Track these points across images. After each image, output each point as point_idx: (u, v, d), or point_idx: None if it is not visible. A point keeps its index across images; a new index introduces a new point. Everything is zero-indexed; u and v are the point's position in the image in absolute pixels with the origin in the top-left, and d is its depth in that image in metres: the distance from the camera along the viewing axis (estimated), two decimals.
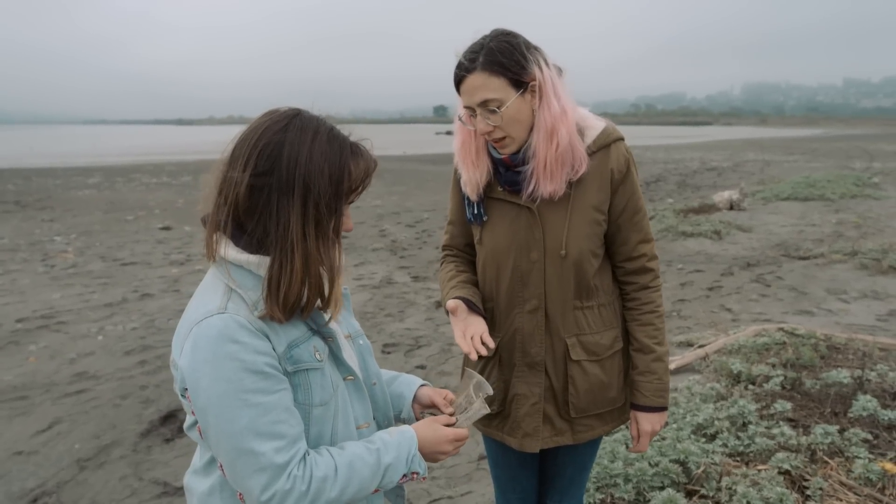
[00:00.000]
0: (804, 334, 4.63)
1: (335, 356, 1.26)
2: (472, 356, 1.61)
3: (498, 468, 1.96)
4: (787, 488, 2.70)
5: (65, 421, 3.95)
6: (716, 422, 3.24)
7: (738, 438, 3.11)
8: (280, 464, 1.10)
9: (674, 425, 3.25)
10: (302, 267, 1.13)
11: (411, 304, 6.45)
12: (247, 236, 1.16)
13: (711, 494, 2.73)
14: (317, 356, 1.20)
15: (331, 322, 1.25)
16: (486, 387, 1.38)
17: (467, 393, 1.39)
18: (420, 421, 1.35)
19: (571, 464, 1.89)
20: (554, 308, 1.69)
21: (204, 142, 50.75)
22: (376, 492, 1.23)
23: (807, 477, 2.80)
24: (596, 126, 1.66)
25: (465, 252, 1.88)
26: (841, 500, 2.64)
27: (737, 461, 2.98)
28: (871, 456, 2.93)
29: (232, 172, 1.14)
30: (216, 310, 1.12)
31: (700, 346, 4.67)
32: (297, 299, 1.15)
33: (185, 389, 1.13)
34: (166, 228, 10.96)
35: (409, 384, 1.49)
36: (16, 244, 9.57)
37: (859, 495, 2.67)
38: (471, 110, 1.59)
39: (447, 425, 1.33)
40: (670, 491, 2.65)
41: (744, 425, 3.25)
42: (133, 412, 4.06)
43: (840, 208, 11.93)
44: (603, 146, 1.65)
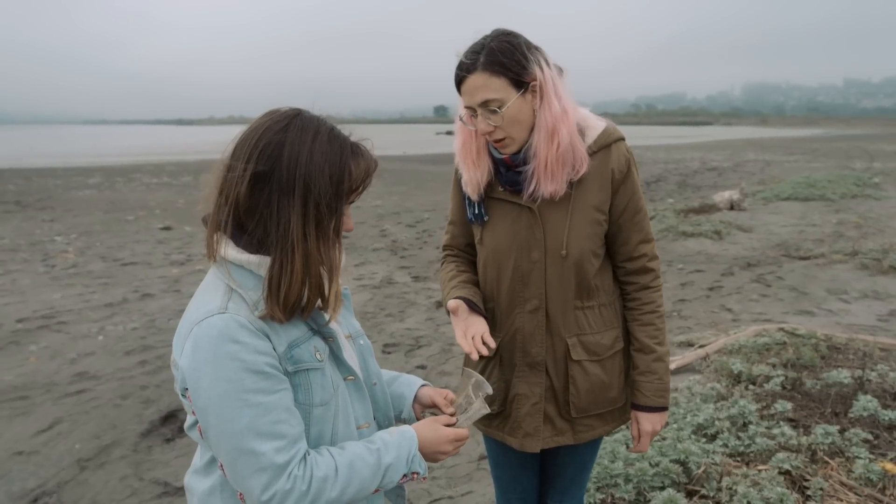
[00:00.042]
0: (805, 334, 4.63)
1: (336, 356, 1.26)
2: (474, 356, 1.61)
3: (499, 468, 1.96)
4: (788, 488, 2.70)
5: (65, 421, 3.95)
6: (716, 422, 3.24)
7: (739, 438, 3.11)
8: (280, 464, 1.10)
9: (674, 425, 3.25)
10: (302, 267, 1.13)
11: (412, 304, 6.45)
12: (247, 236, 1.16)
13: (712, 495, 2.73)
14: (317, 356, 1.20)
15: (331, 322, 1.25)
16: (486, 386, 1.37)
17: (467, 393, 1.39)
18: (420, 421, 1.35)
19: (572, 464, 1.89)
20: (555, 308, 1.69)
21: (204, 142, 50.76)
22: (377, 492, 1.23)
23: (807, 477, 2.80)
24: (597, 126, 1.66)
25: (466, 252, 1.88)
26: (841, 501, 2.64)
27: (737, 461, 2.98)
28: (872, 456, 2.93)
29: (232, 172, 1.14)
30: (217, 310, 1.12)
31: (700, 346, 4.67)
32: (298, 299, 1.15)
33: (186, 389, 1.13)
34: (167, 228, 10.96)
35: (410, 384, 1.49)
36: (16, 244, 9.57)
37: (860, 495, 2.67)
38: (472, 110, 1.59)
39: (447, 425, 1.33)
40: (671, 491, 2.65)
41: (744, 425, 3.25)
42: (133, 412, 4.06)
43: (840, 208, 11.93)
44: (604, 146, 1.65)
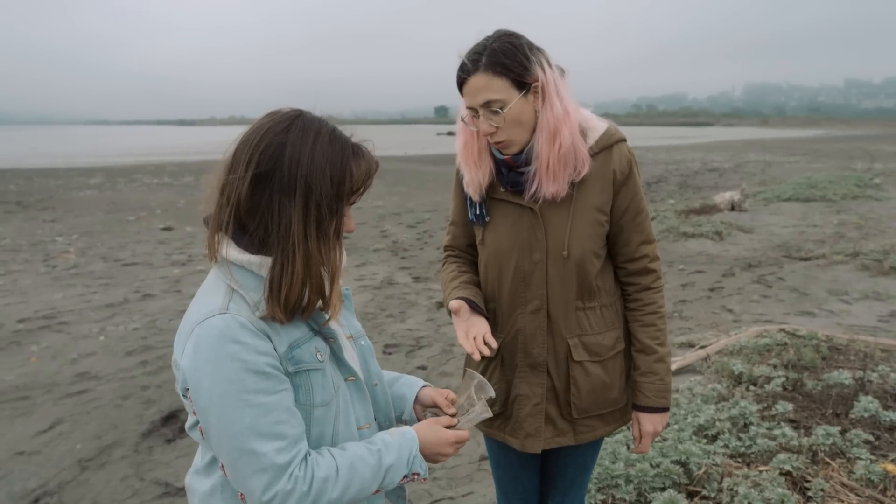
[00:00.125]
0: (805, 335, 4.62)
1: (336, 357, 1.26)
2: (475, 356, 1.61)
3: (500, 469, 1.96)
4: (789, 489, 2.70)
5: (66, 421, 3.96)
6: (717, 423, 3.23)
7: (740, 439, 3.11)
8: (281, 464, 1.10)
9: (675, 426, 3.24)
10: (303, 268, 1.13)
11: (412, 305, 6.45)
12: (248, 237, 1.16)
13: (713, 495, 2.72)
14: (318, 357, 1.20)
15: (331, 322, 1.25)
16: (488, 388, 1.37)
17: (469, 394, 1.39)
18: (421, 422, 1.35)
19: (573, 464, 1.89)
20: (556, 309, 1.69)
21: (205, 142, 50.80)
22: (377, 492, 1.23)
23: (808, 478, 2.80)
24: (598, 127, 1.66)
25: (467, 253, 1.88)
26: (842, 502, 2.64)
27: (738, 462, 2.97)
28: (873, 457, 2.92)
29: (234, 173, 1.14)
30: (218, 310, 1.12)
31: (701, 347, 4.67)
32: (299, 300, 1.15)
33: (187, 389, 1.13)
34: (168, 229, 10.96)
35: (411, 385, 1.49)
36: (17, 244, 9.58)
37: (861, 496, 2.67)
38: (473, 111, 1.59)
39: (448, 426, 1.33)
40: (671, 492, 2.65)
41: (745, 426, 3.25)
42: (134, 412, 4.07)
43: (841, 209, 11.92)
44: (605, 147, 1.65)
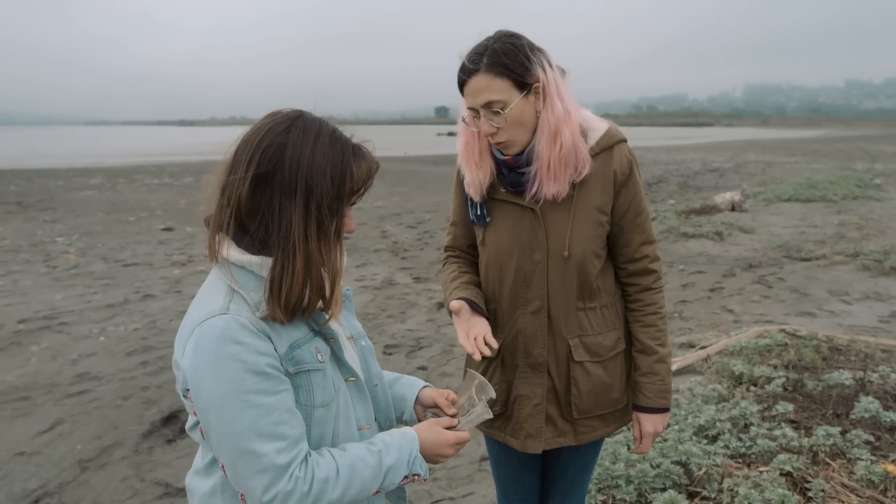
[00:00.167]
0: (806, 336, 4.62)
1: (337, 357, 1.26)
2: (476, 357, 1.61)
3: (500, 469, 1.95)
4: (789, 490, 2.70)
5: (66, 422, 3.96)
6: (717, 423, 3.23)
7: (740, 440, 3.10)
8: (282, 465, 1.10)
9: (675, 427, 3.24)
10: (303, 268, 1.13)
11: (413, 306, 6.45)
12: (249, 237, 1.16)
13: (713, 496, 2.72)
14: (318, 357, 1.20)
15: (331, 323, 1.25)
16: (489, 389, 1.37)
17: (469, 394, 1.38)
18: (421, 423, 1.35)
19: (574, 465, 1.89)
20: (557, 309, 1.69)
21: (206, 143, 50.81)
22: (378, 493, 1.23)
23: (809, 479, 2.80)
24: (599, 127, 1.66)
25: (468, 253, 1.88)
26: (843, 502, 2.64)
27: (738, 463, 2.97)
28: (874, 458, 2.92)
29: (234, 174, 1.14)
30: (218, 310, 1.12)
31: (702, 348, 4.67)
32: (299, 300, 1.15)
33: (188, 390, 1.13)
34: (168, 229, 10.96)
35: (412, 386, 1.49)
36: (18, 245, 9.58)
37: (861, 497, 2.66)
38: (474, 111, 1.59)
39: (449, 427, 1.33)
40: (672, 492, 2.65)
41: (745, 427, 3.25)
42: (135, 413, 4.06)
43: (842, 209, 11.92)
44: (606, 148, 1.65)
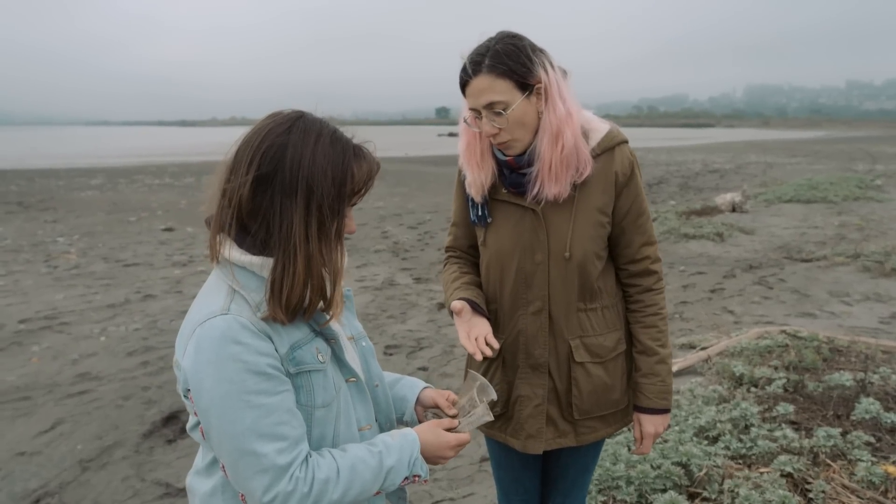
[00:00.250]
0: (807, 337, 4.62)
1: (338, 358, 1.26)
2: (477, 357, 1.61)
3: (501, 470, 1.95)
4: (790, 491, 2.70)
5: (67, 422, 3.96)
6: (718, 424, 3.23)
7: (741, 441, 3.10)
8: (282, 465, 1.10)
9: (676, 427, 3.24)
10: (304, 269, 1.13)
11: (413, 306, 6.45)
12: (250, 238, 1.16)
13: (713, 497, 2.72)
14: (319, 358, 1.20)
15: (332, 323, 1.25)
16: (490, 391, 1.37)
17: (471, 395, 1.38)
18: (422, 424, 1.34)
19: (574, 465, 1.89)
20: (558, 310, 1.69)
21: (207, 143, 50.83)
22: (378, 494, 1.23)
23: (809, 480, 2.79)
24: (600, 129, 1.67)
25: (469, 254, 1.88)
26: None
27: (739, 464, 2.97)
28: (874, 459, 2.92)
29: (235, 174, 1.14)
30: (219, 311, 1.12)
31: (702, 349, 4.66)
32: (300, 301, 1.15)
33: (188, 390, 1.13)
34: (169, 230, 10.97)
35: (412, 387, 1.49)
36: (19, 245, 9.58)
37: (862, 498, 2.66)
38: (476, 112, 1.59)
39: (449, 428, 1.33)
40: (672, 493, 2.64)
41: (746, 428, 3.25)
42: (135, 413, 4.07)
43: (842, 210, 11.91)
44: (607, 149, 1.65)
